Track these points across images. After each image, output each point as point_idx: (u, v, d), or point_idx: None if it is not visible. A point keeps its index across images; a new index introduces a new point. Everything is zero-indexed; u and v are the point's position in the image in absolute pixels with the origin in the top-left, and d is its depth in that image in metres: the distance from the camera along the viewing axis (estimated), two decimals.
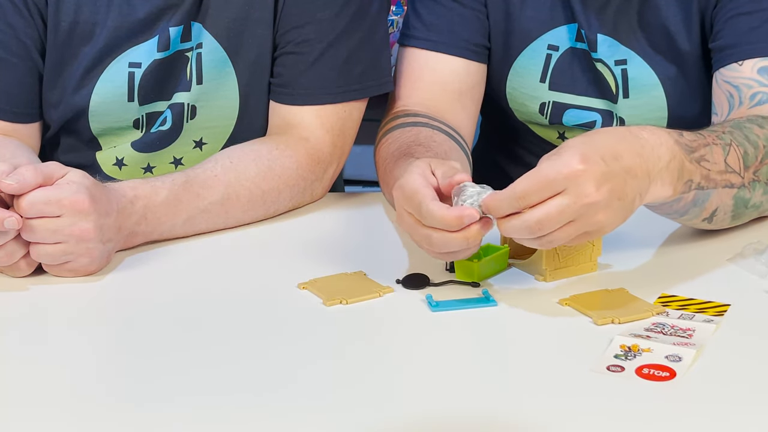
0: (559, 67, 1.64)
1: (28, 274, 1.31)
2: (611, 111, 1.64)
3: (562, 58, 1.64)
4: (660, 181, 1.24)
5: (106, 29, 1.54)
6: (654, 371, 1.08)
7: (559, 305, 1.23)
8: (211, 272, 1.36)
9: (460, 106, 1.62)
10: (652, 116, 1.62)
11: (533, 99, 1.66)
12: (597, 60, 1.61)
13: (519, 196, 1.17)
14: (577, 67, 1.64)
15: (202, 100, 1.58)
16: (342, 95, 1.57)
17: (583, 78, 1.64)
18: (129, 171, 1.61)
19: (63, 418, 1.03)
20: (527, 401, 1.05)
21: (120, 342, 1.20)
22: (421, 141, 1.47)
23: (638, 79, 1.61)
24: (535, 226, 1.16)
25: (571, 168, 1.16)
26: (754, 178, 1.34)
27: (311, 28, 1.55)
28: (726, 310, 1.21)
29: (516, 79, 1.66)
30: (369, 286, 1.28)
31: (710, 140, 1.31)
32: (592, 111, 1.65)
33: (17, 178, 1.26)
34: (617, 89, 1.62)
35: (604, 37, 1.60)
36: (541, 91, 1.65)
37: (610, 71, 1.61)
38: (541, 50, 1.64)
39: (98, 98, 1.57)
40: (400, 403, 1.05)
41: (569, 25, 1.62)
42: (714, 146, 1.31)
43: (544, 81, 1.65)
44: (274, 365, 1.12)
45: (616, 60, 1.61)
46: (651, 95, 1.61)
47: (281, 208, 1.52)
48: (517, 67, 1.66)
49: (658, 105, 1.62)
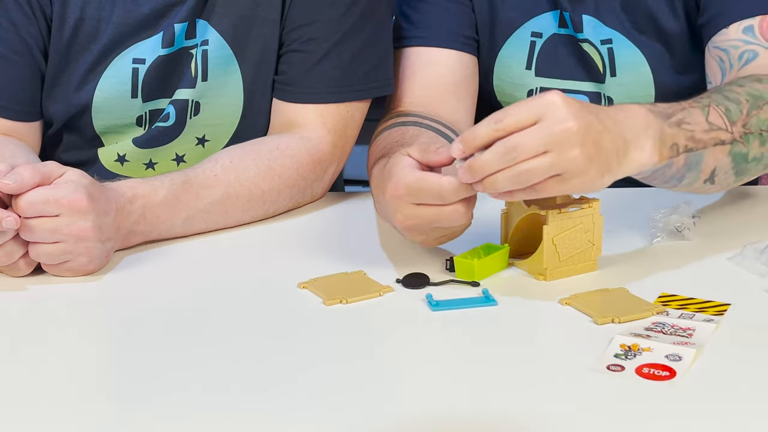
0: (543, 53, 1.65)
1: (27, 273, 1.31)
2: (599, 92, 1.65)
3: (547, 44, 1.65)
4: (639, 147, 1.23)
5: (111, 25, 1.54)
6: (654, 371, 1.08)
7: (559, 305, 1.23)
8: (211, 272, 1.36)
9: (456, 98, 1.62)
10: (639, 93, 1.63)
11: (520, 87, 1.67)
12: (583, 41, 1.62)
13: (496, 119, 1.17)
14: (562, 52, 1.64)
15: (206, 97, 1.58)
16: (345, 95, 1.57)
17: (568, 61, 1.65)
18: (130, 167, 1.61)
19: (62, 417, 1.03)
20: (527, 400, 1.04)
21: (119, 341, 1.20)
22: (405, 141, 1.47)
23: (624, 57, 1.62)
24: (510, 150, 1.15)
25: (550, 98, 1.17)
26: (745, 131, 1.33)
27: (318, 26, 1.55)
28: (726, 310, 1.21)
29: (502, 69, 1.67)
30: (369, 285, 1.28)
31: (687, 105, 1.31)
32: (579, 94, 1.65)
33: (15, 177, 1.25)
34: (604, 68, 1.63)
35: (589, 18, 1.62)
36: (527, 78, 1.66)
37: (597, 51, 1.62)
38: (525, 38, 1.65)
39: (102, 94, 1.57)
40: (399, 403, 1.05)
41: (552, 12, 1.64)
42: (692, 109, 1.30)
43: (530, 68, 1.66)
44: (274, 365, 1.11)
45: (602, 39, 1.62)
46: (638, 72, 1.62)
47: (281, 207, 1.52)
48: (503, 57, 1.66)
49: (645, 81, 1.63)
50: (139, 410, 1.04)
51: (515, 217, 1.33)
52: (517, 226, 1.33)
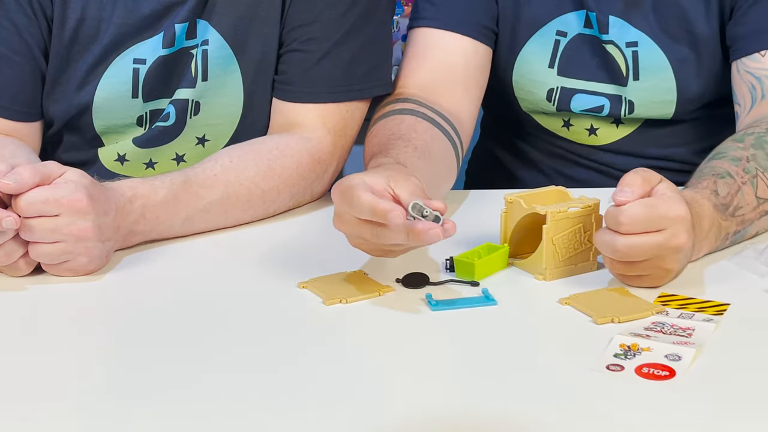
0: (567, 52, 1.64)
1: (27, 273, 1.31)
2: (620, 95, 1.64)
3: (571, 43, 1.64)
4: (702, 249, 1.31)
5: (112, 26, 1.54)
6: (654, 370, 1.08)
7: (559, 304, 1.23)
8: (211, 272, 1.36)
9: (463, 88, 1.61)
10: (660, 98, 1.64)
11: (541, 85, 1.66)
12: (608, 42, 1.62)
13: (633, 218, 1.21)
14: (586, 52, 1.64)
15: (206, 97, 1.58)
16: (345, 95, 1.57)
17: (591, 62, 1.64)
18: (131, 166, 1.61)
19: (62, 417, 1.03)
20: (527, 400, 1.04)
21: (119, 341, 1.20)
22: (402, 133, 1.46)
23: (648, 61, 1.62)
24: (623, 249, 1.21)
25: (679, 212, 1.21)
26: None
27: (318, 26, 1.55)
28: (726, 310, 1.21)
29: (523, 65, 1.66)
30: (369, 285, 1.28)
31: (740, 181, 1.34)
32: (600, 96, 1.65)
33: (15, 177, 1.25)
34: (627, 71, 1.62)
35: (615, 19, 1.61)
36: (549, 76, 1.66)
37: (621, 53, 1.62)
38: (550, 36, 1.64)
39: (102, 94, 1.57)
40: (399, 403, 1.05)
41: (577, 12, 1.63)
42: (744, 186, 1.34)
43: (553, 66, 1.65)
44: (274, 365, 1.11)
45: (627, 42, 1.61)
46: (660, 77, 1.62)
47: (281, 207, 1.52)
48: (525, 54, 1.66)
49: (667, 87, 1.63)
50: (139, 409, 1.04)
51: (515, 217, 1.33)
52: (517, 226, 1.33)
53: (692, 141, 1.69)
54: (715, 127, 1.66)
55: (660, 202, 1.21)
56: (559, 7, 1.64)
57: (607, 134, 1.69)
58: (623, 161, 1.69)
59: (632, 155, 1.70)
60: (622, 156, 1.70)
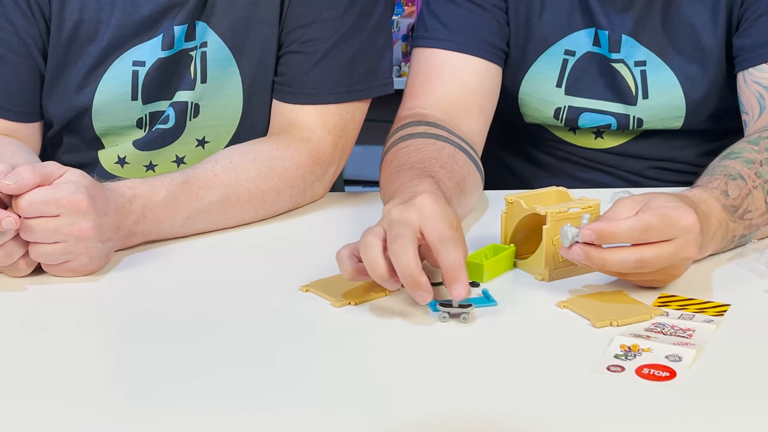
0: (575, 72, 1.64)
1: (27, 273, 1.31)
2: (628, 114, 1.64)
3: (579, 62, 1.64)
4: (708, 248, 1.31)
5: (111, 27, 1.54)
6: (654, 371, 1.08)
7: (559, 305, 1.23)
8: (211, 272, 1.35)
9: (478, 108, 1.60)
10: (669, 116, 1.64)
11: (548, 104, 1.66)
12: (617, 61, 1.61)
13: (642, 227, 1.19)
14: (594, 71, 1.64)
15: (205, 99, 1.58)
16: (345, 95, 1.57)
17: (600, 81, 1.64)
18: (131, 169, 1.61)
19: (63, 416, 1.02)
20: (527, 401, 1.04)
21: (119, 341, 1.20)
22: (444, 161, 1.43)
23: (657, 80, 1.62)
24: (638, 263, 1.20)
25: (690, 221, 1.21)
26: None
27: (316, 27, 1.55)
28: (726, 310, 1.21)
29: (531, 84, 1.66)
30: (373, 286, 1.27)
31: (751, 184, 1.34)
32: (607, 114, 1.65)
33: (15, 178, 1.25)
34: (636, 90, 1.62)
35: (626, 38, 1.60)
36: (556, 96, 1.65)
37: (630, 72, 1.62)
38: (558, 55, 1.64)
39: (102, 96, 1.57)
40: (399, 403, 1.05)
41: (587, 30, 1.63)
42: (754, 190, 1.34)
43: (560, 86, 1.65)
44: (274, 365, 1.11)
45: (636, 61, 1.61)
46: (670, 95, 1.62)
47: (281, 208, 1.52)
48: (533, 73, 1.65)
49: (677, 105, 1.63)
50: (139, 409, 1.04)
51: (516, 218, 1.32)
52: (517, 227, 1.33)
53: (698, 144, 1.69)
54: (721, 131, 1.66)
55: (671, 211, 1.21)
56: (568, 26, 1.63)
57: (612, 138, 1.69)
58: (629, 163, 1.69)
59: (638, 157, 1.70)
60: (628, 158, 1.70)
